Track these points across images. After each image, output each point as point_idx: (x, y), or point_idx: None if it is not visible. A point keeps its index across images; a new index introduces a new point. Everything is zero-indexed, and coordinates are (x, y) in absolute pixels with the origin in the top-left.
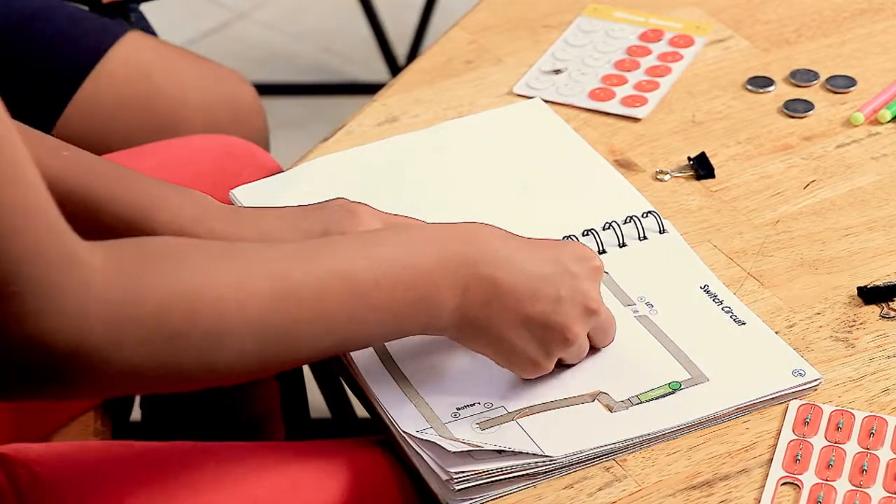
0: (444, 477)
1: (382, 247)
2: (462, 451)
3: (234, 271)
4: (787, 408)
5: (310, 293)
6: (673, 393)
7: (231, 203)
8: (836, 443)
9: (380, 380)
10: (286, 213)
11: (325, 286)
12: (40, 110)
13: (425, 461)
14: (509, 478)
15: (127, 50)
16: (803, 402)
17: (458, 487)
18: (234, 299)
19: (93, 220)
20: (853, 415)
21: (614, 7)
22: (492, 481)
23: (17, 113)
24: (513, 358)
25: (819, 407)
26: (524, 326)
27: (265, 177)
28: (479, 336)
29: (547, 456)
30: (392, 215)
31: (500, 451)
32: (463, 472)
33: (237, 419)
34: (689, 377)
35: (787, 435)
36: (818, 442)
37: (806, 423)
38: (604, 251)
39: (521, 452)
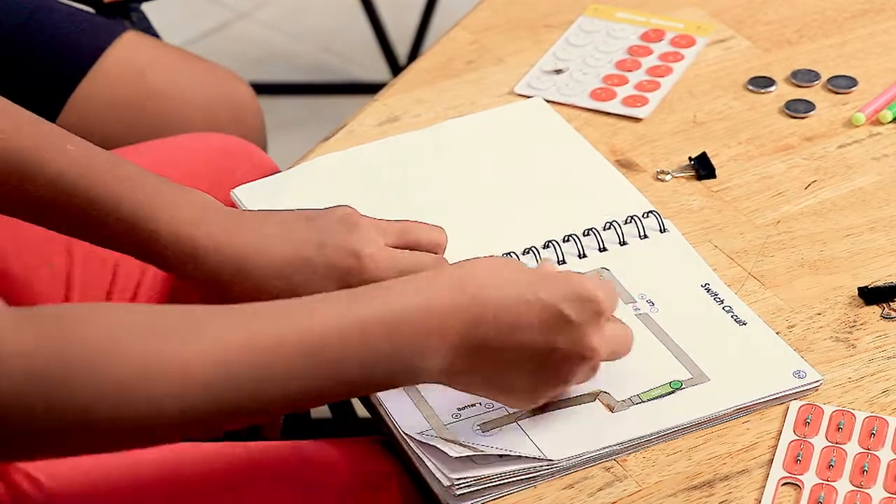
0: (446, 483)
1: (366, 307)
2: (463, 456)
3: (173, 347)
4: (788, 408)
5: (264, 361)
6: (674, 392)
7: (232, 202)
8: (836, 443)
9: None
10: (286, 220)
11: (286, 352)
12: (37, 110)
13: (426, 465)
14: (510, 481)
15: (123, 50)
16: (804, 402)
17: (459, 492)
18: (178, 374)
19: (95, 221)
20: (854, 415)
21: (616, 7)
22: (493, 485)
23: None
24: (501, 397)
25: (820, 407)
26: (515, 375)
27: (261, 175)
28: (467, 383)
29: (548, 460)
30: (395, 223)
31: (501, 456)
32: (464, 477)
33: None
34: (690, 377)
35: (788, 435)
36: (819, 442)
37: (807, 423)
38: (604, 249)
39: (522, 457)
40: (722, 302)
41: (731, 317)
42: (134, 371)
